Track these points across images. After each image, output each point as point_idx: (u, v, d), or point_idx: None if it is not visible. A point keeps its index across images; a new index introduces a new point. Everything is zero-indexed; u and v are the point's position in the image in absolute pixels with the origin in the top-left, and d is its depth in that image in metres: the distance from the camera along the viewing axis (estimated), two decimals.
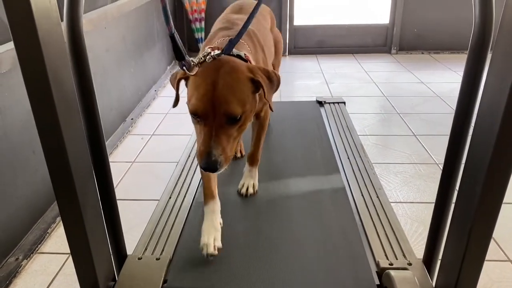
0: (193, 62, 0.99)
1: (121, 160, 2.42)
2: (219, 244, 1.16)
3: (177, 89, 1.06)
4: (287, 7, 4.49)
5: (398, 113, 3.03)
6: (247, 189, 1.43)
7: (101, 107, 1.05)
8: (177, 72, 1.04)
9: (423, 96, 3.37)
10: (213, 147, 0.94)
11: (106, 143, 2.52)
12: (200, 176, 1.57)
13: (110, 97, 2.68)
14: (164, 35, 4.00)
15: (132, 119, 2.95)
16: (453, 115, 1.01)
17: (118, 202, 1.14)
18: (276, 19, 1.71)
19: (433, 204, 1.10)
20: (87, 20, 2.23)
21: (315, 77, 3.91)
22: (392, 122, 2.89)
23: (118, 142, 2.63)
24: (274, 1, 4.43)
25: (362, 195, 1.43)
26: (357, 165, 1.63)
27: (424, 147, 2.49)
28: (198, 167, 1.63)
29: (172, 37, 0.93)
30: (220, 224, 1.22)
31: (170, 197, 1.43)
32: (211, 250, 1.13)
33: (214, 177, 1.27)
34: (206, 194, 1.25)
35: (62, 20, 0.82)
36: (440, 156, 2.35)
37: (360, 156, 1.70)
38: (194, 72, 0.98)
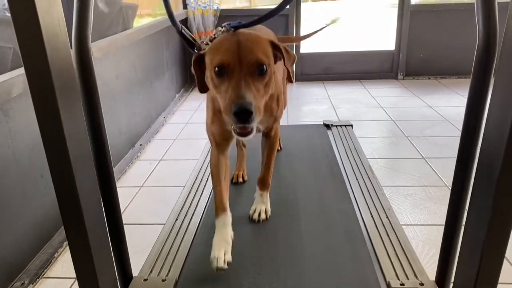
0: (203, 42, 1.04)
1: (129, 185, 2.42)
2: (229, 258, 1.14)
3: (195, 70, 1.06)
4: (293, 35, 4.57)
5: (407, 136, 3.01)
6: (259, 215, 1.39)
7: (110, 132, 1.06)
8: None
9: (431, 120, 3.36)
10: (246, 92, 0.91)
11: (115, 168, 2.54)
12: (207, 198, 1.56)
13: (119, 123, 2.71)
14: (173, 63, 4.07)
15: (141, 145, 2.97)
16: None
17: (126, 226, 1.14)
18: None
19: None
20: (97, 47, 2.29)
21: (322, 103, 3.93)
22: (401, 146, 2.87)
23: (127, 167, 2.64)
24: (280, 29, 4.51)
25: (372, 215, 1.40)
26: (366, 186, 1.61)
27: (434, 170, 2.46)
28: (204, 189, 1.62)
29: (180, 33, 1.14)
30: (231, 237, 1.20)
31: (176, 219, 1.42)
32: (221, 264, 1.11)
33: (226, 189, 1.26)
34: (218, 207, 1.22)
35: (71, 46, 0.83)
36: (450, 179, 2.30)
37: (369, 178, 1.68)
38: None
